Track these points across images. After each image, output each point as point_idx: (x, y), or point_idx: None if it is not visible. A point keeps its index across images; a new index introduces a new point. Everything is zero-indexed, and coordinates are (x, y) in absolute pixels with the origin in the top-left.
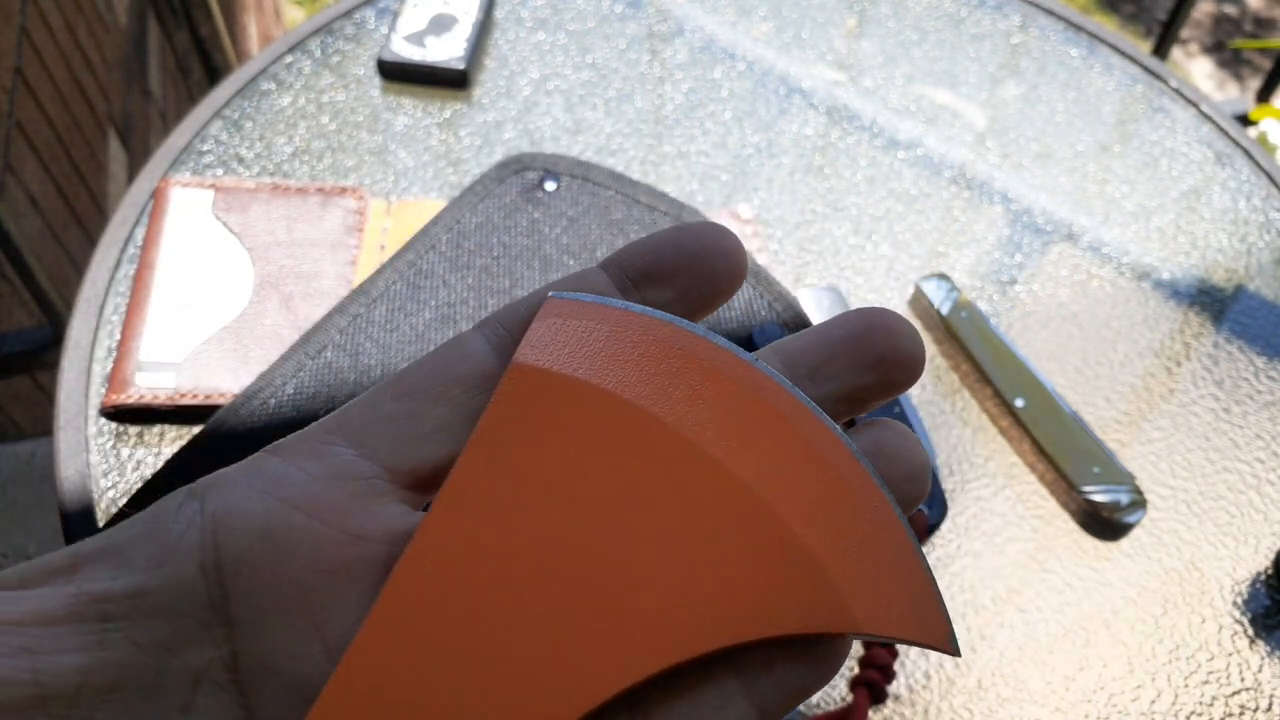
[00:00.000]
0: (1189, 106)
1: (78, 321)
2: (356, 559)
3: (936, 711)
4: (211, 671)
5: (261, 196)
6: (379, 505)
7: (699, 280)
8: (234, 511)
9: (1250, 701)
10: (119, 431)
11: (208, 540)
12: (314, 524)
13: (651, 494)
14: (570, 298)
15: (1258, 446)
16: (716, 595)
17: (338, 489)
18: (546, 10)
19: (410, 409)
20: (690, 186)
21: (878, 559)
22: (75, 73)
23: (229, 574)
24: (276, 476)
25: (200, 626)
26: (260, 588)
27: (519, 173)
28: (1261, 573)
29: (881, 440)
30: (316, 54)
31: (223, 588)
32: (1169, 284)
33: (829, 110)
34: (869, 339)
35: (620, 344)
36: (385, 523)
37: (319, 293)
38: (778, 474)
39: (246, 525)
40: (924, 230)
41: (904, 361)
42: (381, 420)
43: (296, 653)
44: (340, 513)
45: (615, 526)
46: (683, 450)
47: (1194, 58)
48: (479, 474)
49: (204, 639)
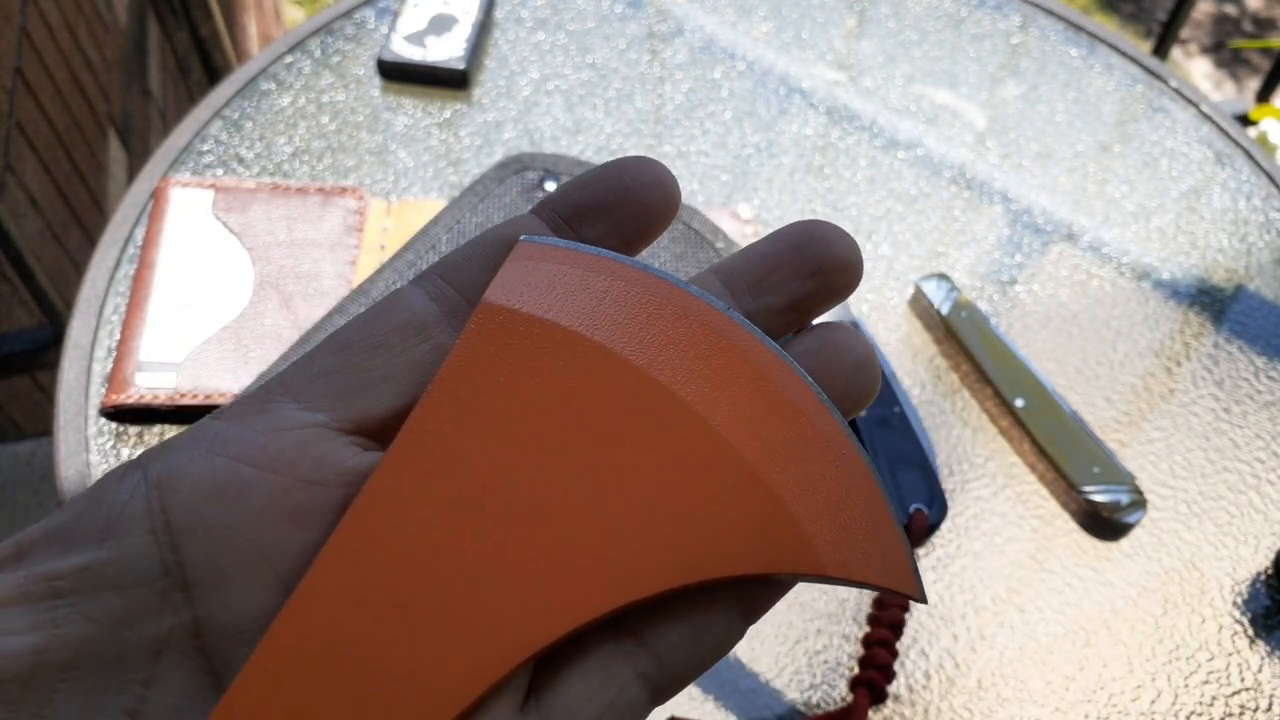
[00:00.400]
0: (1189, 106)
1: (78, 321)
2: (312, 504)
3: (936, 711)
4: (173, 640)
5: (261, 196)
6: (330, 450)
7: (632, 213)
8: (179, 474)
9: (1250, 701)
10: (119, 431)
11: (154, 506)
12: (264, 475)
13: (616, 435)
14: (542, 241)
15: (1258, 446)
16: (678, 535)
17: (285, 439)
18: (546, 10)
19: (349, 361)
20: (690, 186)
21: (845, 505)
22: (75, 73)
23: (182, 536)
24: (221, 436)
25: (156, 595)
26: (216, 546)
27: (519, 173)
28: (1261, 573)
29: (827, 339)
30: (316, 54)
31: (176, 552)
32: (1169, 284)
33: (829, 110)
34: (807, 249)
35: (590, 288)
36: (338, 465)
37: (319, 293)
38: (745, 418)
39: (194, 485)
40: (924, 230)
41: (841, 266)
42: (321, 375)
43: (262, 608)
44: (290, 461)
45: (577, 468)
46: (651, 393)
47: (1193, 58)
48: (441, 412)
49: (162, 608)
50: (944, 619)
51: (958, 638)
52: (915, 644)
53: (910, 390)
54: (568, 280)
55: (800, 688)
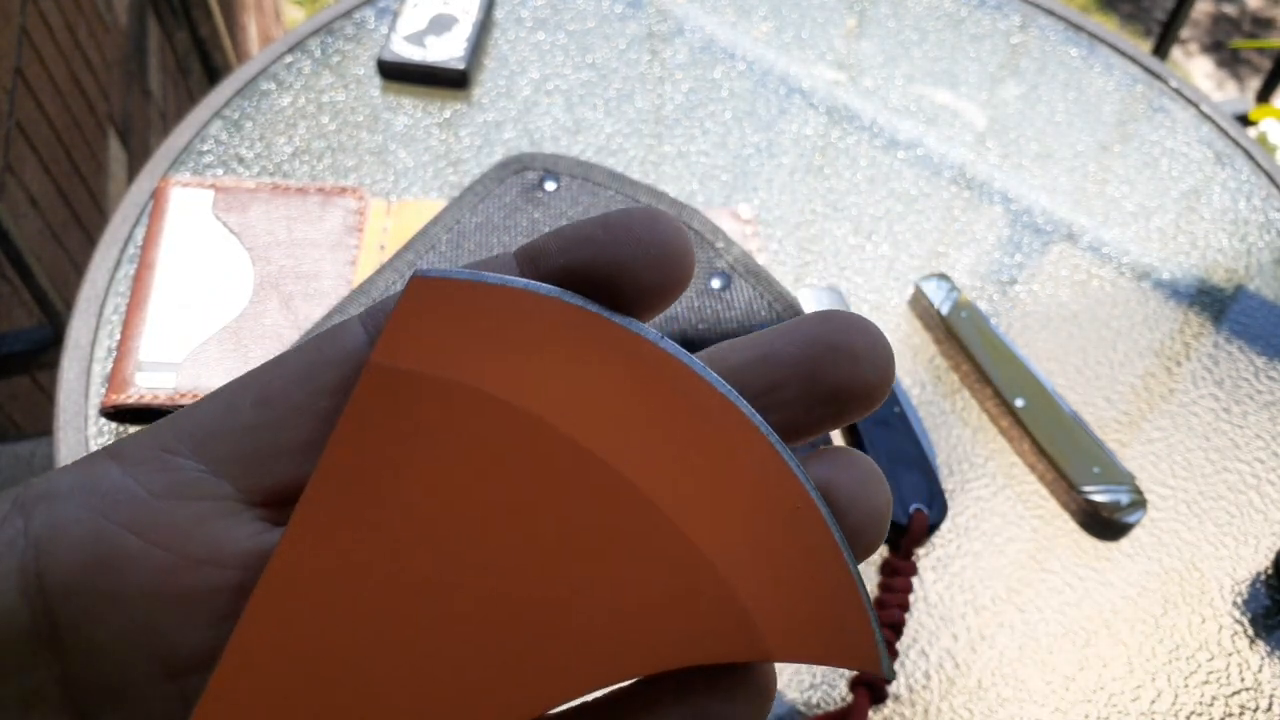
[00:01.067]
0: (1189, 106)
1: (78, 321)
2: (202, 584)
3: (936, 711)
4: (44, 691)
5: (261, 196)
6: (228, 528)
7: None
8: (59, 533)
9: (1250, 701)
10: (119, 431)
11: (29, 565)
12: (152, 549)
13: (532, 509)
14: (438, 274)
15: (1258, 446)
16: (608, 625)
17: (180, 509)
18: (546, 10)
19: (271, 419)
20: (690, 186)
21: (797, 574)
22: (75, 73)
23: (56, 599)
24: (112, 492)
25: (29, 650)
26: (91, 615)
27: (519, 173)
28: (1261, 573)
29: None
30: (316, 54)
31: (50, 614)
32: (1169, 284)
33: (829, 110)
34: (828, 364)
35: (501, 331)
36: (236, 546)
37: (319, 293)
38: (681, 480)
39: (72, 548)
40: (924, 230)
41: (863, 391)
42: (238, 431)
43: (136, 679)
44: (182, 536)
45: (491, 549)
46: (572, 456)
47: (1193, 57)
48: (334, 495)
49: (34, 662)
50: (944, 619)
51: (958, 638)
52: (915, 644)
53: (910, 390)
54: (471, 324)
55: (800, 688)
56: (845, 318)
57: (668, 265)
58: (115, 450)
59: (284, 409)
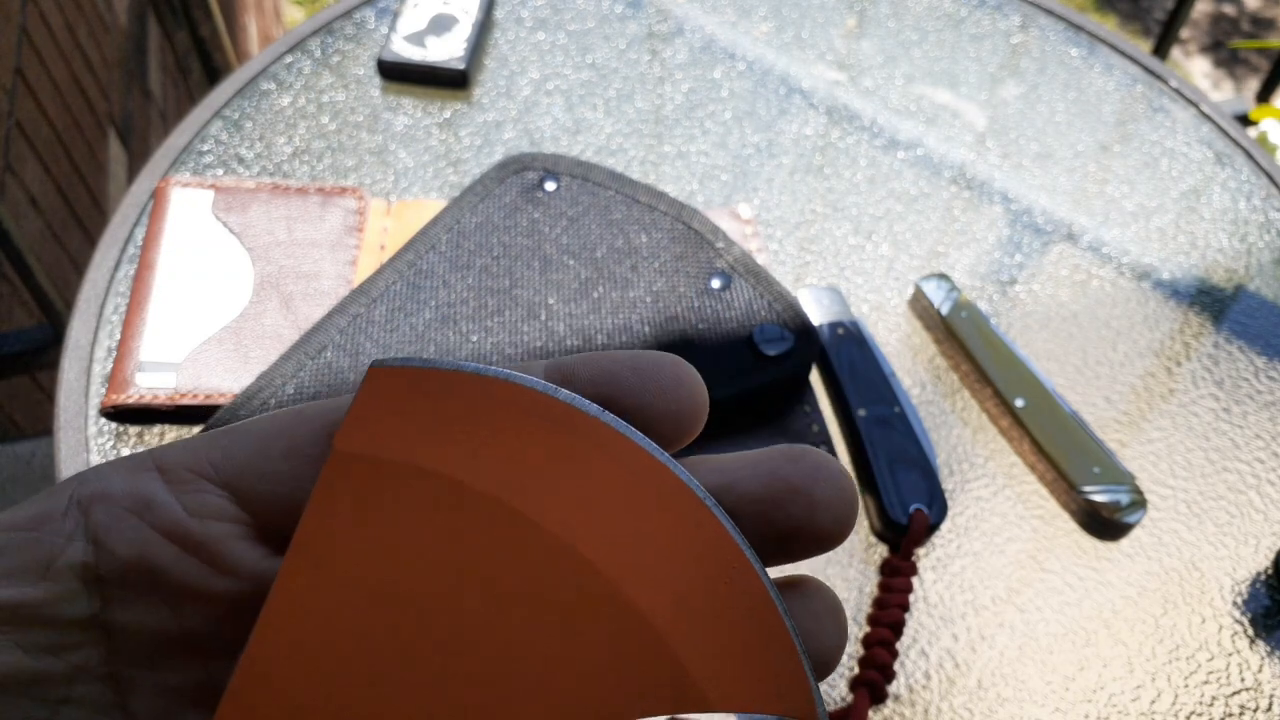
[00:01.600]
0: (1189, 106)
1: (78, 321)
2: (222, 589)
3: (936, 711)
4: (88, 665)
5: (261, 196)
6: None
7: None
8: (113, 534)
9: (1250, 701)
10: (119, 431)
11: (89, 559)
12: (184, 556)
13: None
14: (395, 364)
15: (1258, 446)
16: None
17: (209, 528)
18: (546, 10)
19: (295, 471)
20: (690, 186)
21: (731, 627)
22: (75, 73)
23: (109, 588)
24: (155, 504)
25: (80, 630)
26: (134, 605)
27: (519, 173)
28: (1261, 573)
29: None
30: (316, 54)
31: (104, 599)
32: (1169, 284)
33: (829, 110)
34: (785, 505)
35: (453, 412)
36: (253, 564)
37: (319, 293)
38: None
39: (123, 547)
40: (924, 230)
41: (821, 537)
42: (267, 477)
43: (168, 660)
44: (209, 550)
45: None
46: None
47: (1192, 57)
48: (302, 581)
49: (83, 639)
50: (944, 619)
51: (958, 638)
52: (915, 644)
53: (910, 390)
54: (427, 410)
55: None
56: (815, 460)
57: (682, 419)
58: (160, 461)
59: (307, 459)
